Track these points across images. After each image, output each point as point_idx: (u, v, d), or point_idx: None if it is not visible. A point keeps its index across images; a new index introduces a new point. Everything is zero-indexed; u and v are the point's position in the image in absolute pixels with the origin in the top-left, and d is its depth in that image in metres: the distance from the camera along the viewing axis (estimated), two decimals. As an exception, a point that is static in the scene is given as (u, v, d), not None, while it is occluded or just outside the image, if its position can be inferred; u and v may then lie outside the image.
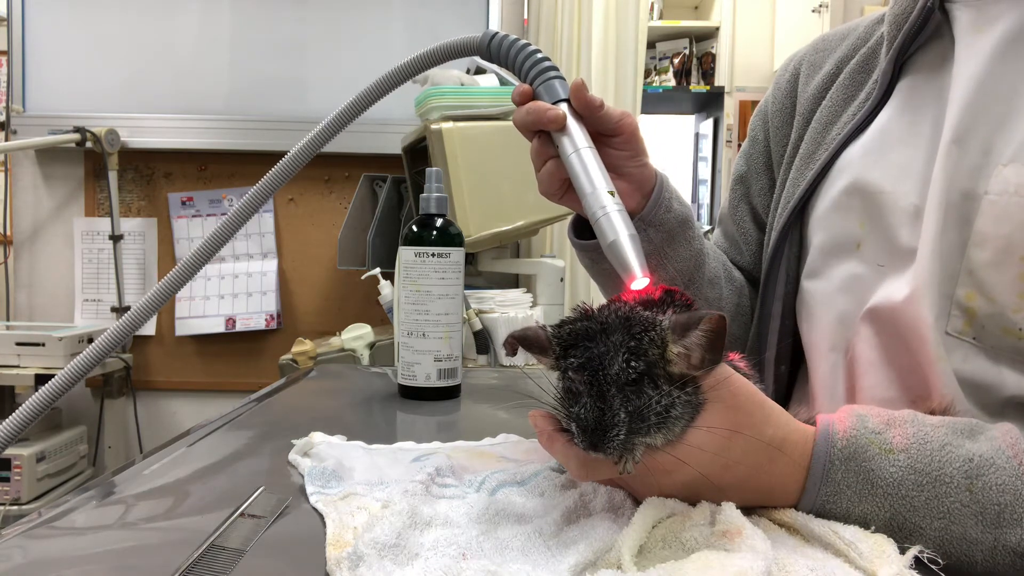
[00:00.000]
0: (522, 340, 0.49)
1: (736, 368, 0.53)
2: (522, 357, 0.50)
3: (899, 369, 0.65)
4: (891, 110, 0.69)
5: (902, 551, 0.44)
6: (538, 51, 0.65)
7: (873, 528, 0.46)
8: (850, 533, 0.45)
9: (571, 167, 0.60)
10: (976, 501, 0.45)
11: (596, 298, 2.44)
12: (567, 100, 0.62)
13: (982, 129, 0.60)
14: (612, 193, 0.58)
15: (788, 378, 0.79)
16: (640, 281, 0.53)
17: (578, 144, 0.60)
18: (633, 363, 0.44)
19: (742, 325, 0.83)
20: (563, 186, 0.65)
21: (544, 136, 0.64)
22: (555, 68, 0.65)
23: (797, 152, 0.77)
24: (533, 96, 0.64)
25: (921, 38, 0.67)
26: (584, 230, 0.72)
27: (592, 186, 0.58)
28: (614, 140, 0.65)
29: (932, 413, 0.53)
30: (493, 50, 0.67)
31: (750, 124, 0.90)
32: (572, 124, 0.61)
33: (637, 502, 0.48)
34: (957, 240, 0.59)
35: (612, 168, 0.63)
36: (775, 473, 0.47)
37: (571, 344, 0.46)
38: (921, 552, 0.43)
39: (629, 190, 0.67)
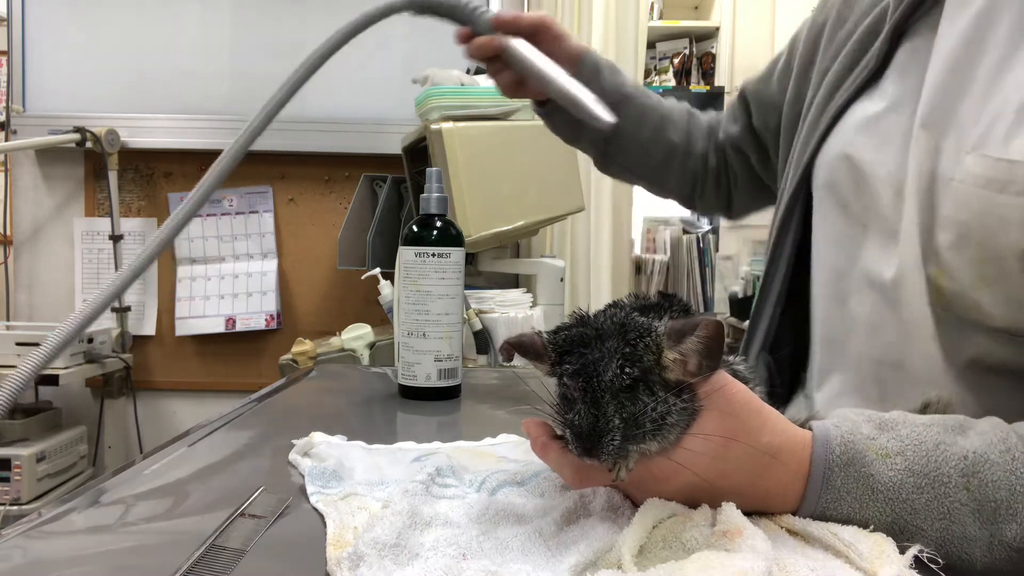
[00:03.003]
0: (518, 346, 0.49)
1: (735, 371, 0.53)
2: (521, 359, 0.50)
3: (888, 334, 0.66)
4: (887, 78, 0.69)
5: (902, 551, 0.44)
6: None
7: (872, 528, 0.46)
8: (849, 534, 0.45)
9: (526, 66, 0.80)
10: (973, 499, 0.45)
11: (596, 300, 2.45)
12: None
13: (951, 111, 0.59)
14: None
15: (793, 361, 0.80)
16: (606, 119, 0.72)
17: (522, 51, 0.81)
18: (628, 369, 0.44)
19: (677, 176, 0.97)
20: (519, 85, 0.87)
21: (494, 57, 0.83)
22: (480, 6, 0.83)
23: (809, 112, 0.78)
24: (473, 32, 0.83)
25: (925, 6, 0.67)
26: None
27: (544, 71, 0.79)
28: (539, 37, 0.85)
29: (927, 407, 0.54)
30: (420, 4, 0.83)
31: (787, 51, 0.90)
32: (510, 41, 0.81)
33: (636, 504, 0.48)
34: (929, 221, 0.60)
35: (547, 54, 0.82)
36: (773, 480, 0.47)
37: (567, 350, 0.46)
38: (921, 551, 0.43)
39: (564, 67, 0.82)
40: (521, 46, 0.81)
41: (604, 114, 0.74)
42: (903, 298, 0.63)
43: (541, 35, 0.85)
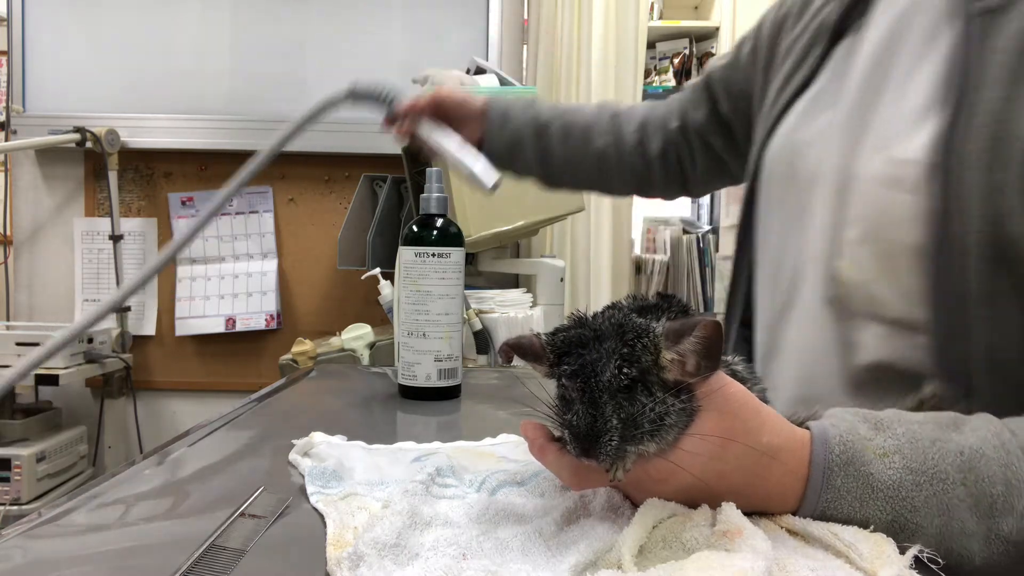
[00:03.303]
0: (517, 348, 0.49)
1: (734, 371, 0.53)
2: (520, 360, 0.50)
3: (809, 324, 0.69)
4: (822, 77, 0.72)
5: (902, 551, 0.44)
6: (384, 88, 0.94)
7: (872, 528, 0.46)
8: (849, 534, 0.45)
9: (428, 142, 0.92)
10: (971, 494, 0.45)
11: (596, 300, 2.45)
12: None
13: (869, 113, 0.63)
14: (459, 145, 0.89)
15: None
16: (487, 184, 0.85)
17: (425, 130, 0.92)
18: (625, 370, 0.44)
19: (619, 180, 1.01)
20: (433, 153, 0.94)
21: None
22: (395, 97, 0.94)
23: (763, 106, 0.81)
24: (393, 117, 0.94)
25: (859, 8, 0.69)
26: None
27: (439, 145, 0.91)
28: (443, 109, 0.94)
29: (921, 404, 0.54)
30: (358, 94, 0.95)
31: (747, 39, 0.92)
32: (419, 123, 0.92)
33: (636, 505, 0.48)
34: (840, 217, 0.64)
35: (451, 124, 0.93)
36: (772, 481, 0.47)
37: (565, 351, 0.46)
38: (921, 552, 0.43)
39: (469, 130, 0.94)
40: (427, 126, 0.92)
41: (487, 179, 0.86)
42: (800, 289, 0.68)
43: (443, 107, 0.94)
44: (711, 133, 0.95)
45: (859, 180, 0.62)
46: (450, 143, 0.90)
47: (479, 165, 0.86)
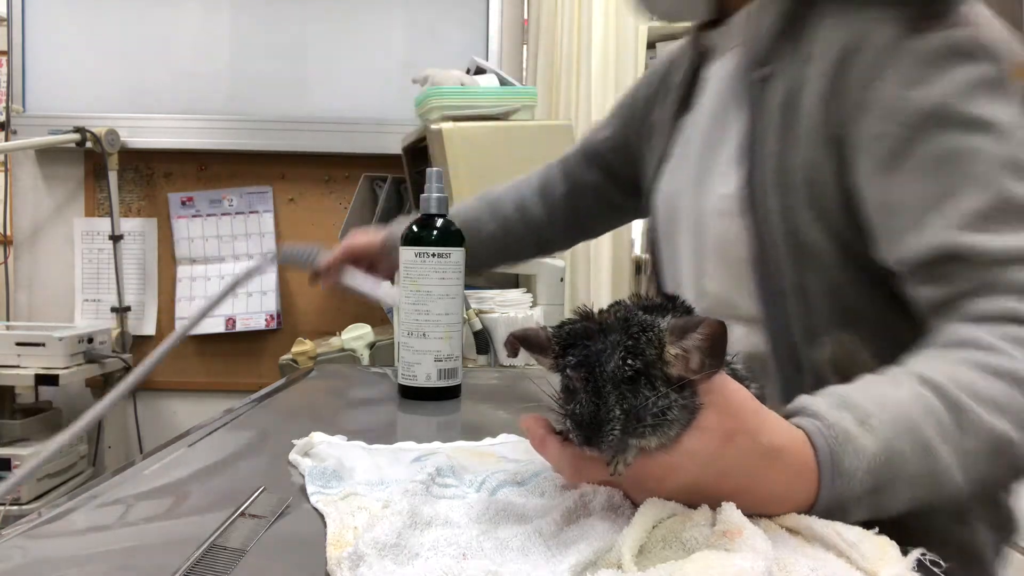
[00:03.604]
0: (523, 340, 0.49)
1: (734, 371, 0.53)
2: (522, 358, 0.50)
3: None
4: (679, 140, 0.89)
5: (904, 553, 0.44)
6: (306, 250, 1.09)
7: (877, 530, 0.46)
8: (853, 534, 0.45)
9: (351, 289, 1.06)
10: (938, 423, 0.51)
11: (596, 300, 2.44)
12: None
13: (704, 166, 0.81)
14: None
15: None
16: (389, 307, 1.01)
17: (346, 278, 1.06)
18: (630, 361, 0.44)
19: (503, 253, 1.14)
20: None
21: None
22: (316, 255, 1.08)
23: (650, 160, 0.95)
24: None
25: (698, 84, 0.88)
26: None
27: (357, 288, 1.06)
28: (356, 258, 1.08)
29: (834, 355, 0.62)
30: (285, 258, 1.14)
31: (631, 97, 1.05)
32: (342, 273, 1.07)
33: (635, 504, 0.48)
34: (700, 244, 0.81)
35: (368, 264, 1.08)
36: (774, 480, 0.47)
37: (570, 344, 0.46)
38: (924, 555, 0.44)
39: (385, 264, 1.08)
40: (346, 273, 1.06)
41: (392, 303, 1.05)
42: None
43: (354, 254, 1.08)
44: (607, 188, 1.08)
45: (705, 215, 0.79)
46: (363, 284, 1.06)
47: (384, 291, 1.05)
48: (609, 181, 1.07)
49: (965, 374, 0.54)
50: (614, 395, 0.44)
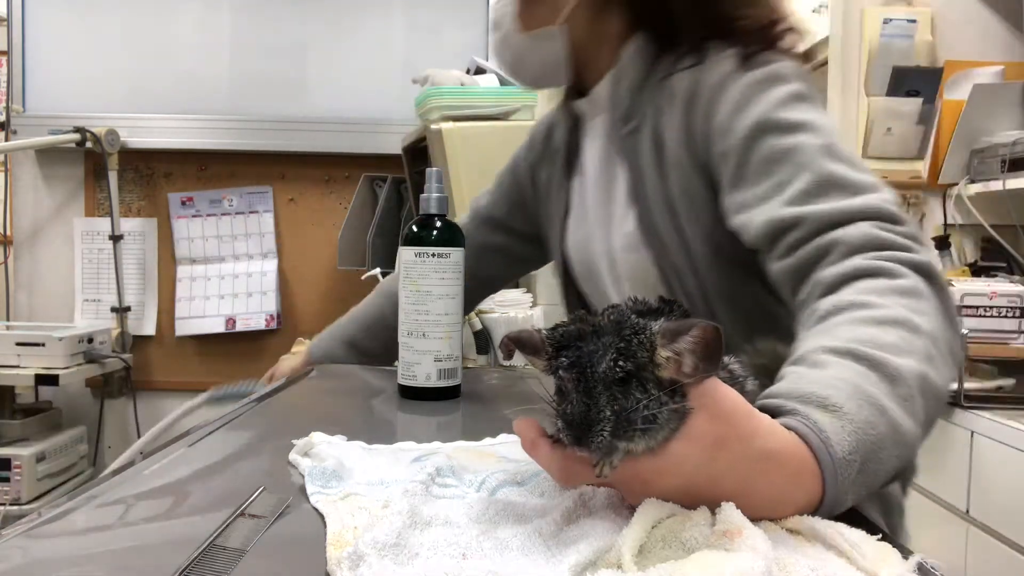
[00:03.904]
0: (517, 342, 0.49)
1: (730, 371, 0.53)
2: (522, 358, 0.50)
3: None
4: (575, 198, 1.00)
5: (905, 556, 0.44)
6: (239, 387, 1.23)
7: (879, 536, 0.46)
8: (855, 536, 0.45)
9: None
10: (883, 377, 0.54)
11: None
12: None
13: (604, 214, 0.94)
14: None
15: None
16: None
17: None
18: (621, 363, 0.44)
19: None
20: None
21: None
22: (251, 389, 1.18)
23: (549, 235, 1.06)
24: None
25: (580, 151, 0.99)
26: None
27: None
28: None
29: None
30: (219, 398, 1.27)
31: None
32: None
33: (633, 506, 0.48)
34: (615, 278, 0.94)
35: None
36: (774, 484, 0.47)
37: (564, 345, 0.47)
38: (923, 560, 0.44)
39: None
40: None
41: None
42: None
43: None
44: (514, 246, 1.16)
45: (615, 253, 0.93)
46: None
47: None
48: (514, 239, 1.16)
49: (862, 332, 0.57)
50: (605, 396, 0.44)
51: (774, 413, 0.51)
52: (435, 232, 0.90)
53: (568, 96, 1.01)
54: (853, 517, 0.50)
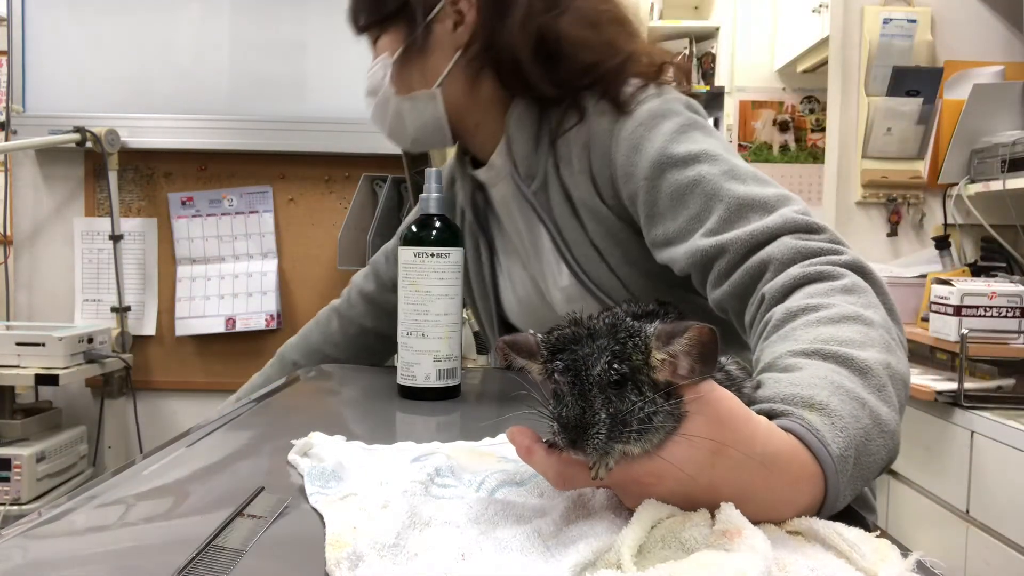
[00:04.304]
0: (512, 345, 0.49)
1: (727, 372, 0.53)
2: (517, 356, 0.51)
3: None
4: (499, 255, 1.06)
5: (904, 555, 0.44)
6: None
7: (877, 533, 0.46)
8: (854, 535, 0.45)
9: None
10: (856, 371, 0.54)
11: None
12: None
13: (534, 263, 0.99)
14: None
15: None
16: None
17: None
18: (616, 365, 0.44)
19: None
20: None
21: None
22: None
23: (470, 286, 1.10)
24: None
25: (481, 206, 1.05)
26: None
27: None
28: None
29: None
30: None
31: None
32: None
33: (630, 508, 0.47)
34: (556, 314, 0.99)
35: None
36: (775, 488, 0.47)
37: (559, 349, 0.47)
38: (923, 557, 0.44)
39: None
40: None
41: None
42: None
43: None
44: None
45: (557, 305, 0.98)
46: None
47: None
48: None
49: (821, 331, 0.59)
50: (600, 399, 0.44)
51: (767, 416, 0.50)
52: (434, 232, 0.90)
53: (461, 159, 1.05)
54: (848, 514, 0.50)
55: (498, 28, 0.91)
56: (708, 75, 3.92)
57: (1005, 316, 1.69)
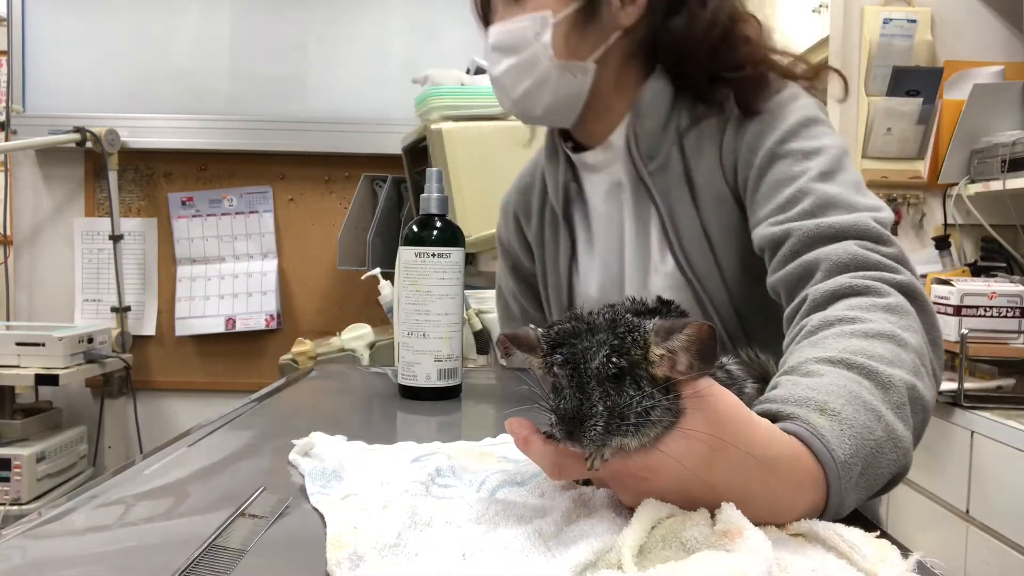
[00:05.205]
0: (513, 339, 0.50)
1: (728, 371, 0.53)
2: (522, 358, 0.51)
3: None
4: (580, 235, 1.01)
5: (904, 555, 0.44)
6: None
7: (877, 534, 0.46)
8: (855, 536, 0.45)
9: None
10: (876, 384, 0.55)
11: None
12: None
13: (638, 247, 0.94)
14: None
15: None
16: None
17: None
18: (614, 359, 0.44)
19: None
20: None
21: None
22: None
23: (546, 282, 1.07)
24: None
25: (571, 196, 1.01)
26: None
27: None
28: None
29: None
30: None
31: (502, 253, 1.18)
32: None
33: (625, 505, 0.48)
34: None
35: None
36: (776, 490, 0.47)
37: (559, 343, 0.47)
38: (923, 557, 0.44)
39: None
40: None
41: None
42: None
43: None
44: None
45: (653, 292, 0.91)
46: None
47: None
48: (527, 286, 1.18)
49: (853, 343, 0.59)
50: (598, 392, 0.44)
51: (772, 418, 0.50)
52: (435, 232, 0.90)
53: (554, 144, 1.01)
54: (849, 516, 0.50)
55: (671, 13, 0.90)
56: (708, 75, 3.91)
57: (1005, 316, 1.69)
